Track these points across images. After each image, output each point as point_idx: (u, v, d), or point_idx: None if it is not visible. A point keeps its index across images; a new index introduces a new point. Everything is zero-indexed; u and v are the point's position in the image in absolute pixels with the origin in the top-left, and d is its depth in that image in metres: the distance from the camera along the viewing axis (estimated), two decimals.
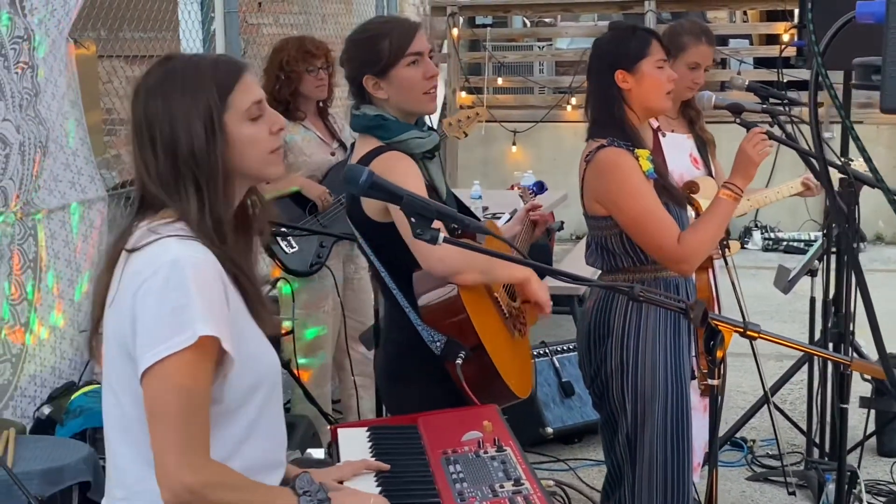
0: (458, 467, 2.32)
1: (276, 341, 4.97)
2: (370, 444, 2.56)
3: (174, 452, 2.01)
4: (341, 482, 2.34)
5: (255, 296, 2.20)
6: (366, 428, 2.67)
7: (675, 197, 3.54)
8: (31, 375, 4.43)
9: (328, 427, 2.95)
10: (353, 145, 3.22)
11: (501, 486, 2.21)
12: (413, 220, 2.27)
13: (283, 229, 4.74)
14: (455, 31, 11.40)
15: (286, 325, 5.08)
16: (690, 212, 3.69)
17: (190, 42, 6.78)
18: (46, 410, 4.28)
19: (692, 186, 3.77)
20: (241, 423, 2.15)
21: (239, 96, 2.17)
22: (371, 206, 2.99)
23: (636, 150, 3.41)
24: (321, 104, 5.16)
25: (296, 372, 4.97)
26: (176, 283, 2.02)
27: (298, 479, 2.17)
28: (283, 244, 4.93)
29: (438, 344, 2.95)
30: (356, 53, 3.11)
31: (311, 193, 4.97)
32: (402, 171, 2.94)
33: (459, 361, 2.86)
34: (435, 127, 3.32)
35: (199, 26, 6.81)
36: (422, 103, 3.10)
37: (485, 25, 12.36)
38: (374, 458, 2.45)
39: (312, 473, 2.26)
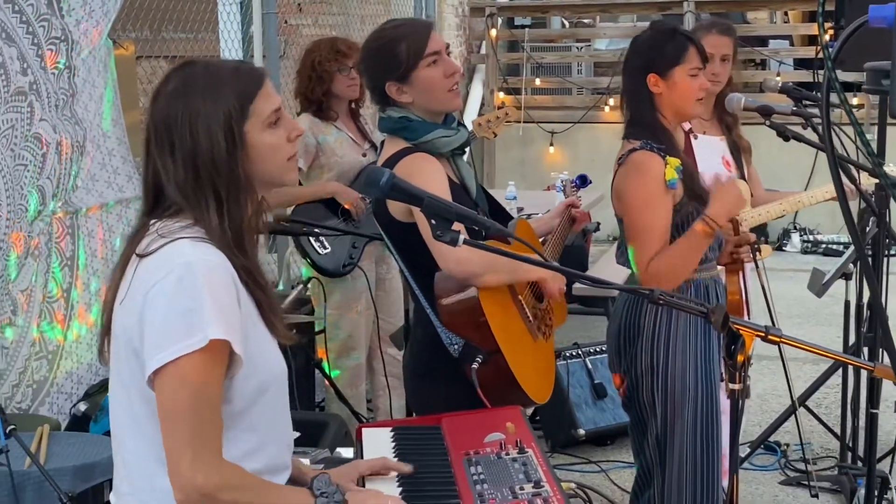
0: (479, 468, 2.33)
1: (309, 342, 5.04)
2: (393, 443, 2.58)
3: (187, 453, 2.03)
4: (362, 479, 2.35)
5: (267, 304, 2.21)
6: (390, 428, 2.69)
7: (706, 202, 3.53)
8: (67, 372, 4.49)
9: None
10: (382, 144, 3.23)
11: (521, 488, 2.22)
12: (433, 221, 2.28)
13: (315, 230, 4.77)
14: (493, 32, 11.41)
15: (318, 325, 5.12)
16: None
17: (229, 43, 6.84)
18: (82, 407, 4.33)
19: None
20: (247, 426, 2.17)
21: (260, 104, 2.17)
22: (395, 207, 3.00)
23: (667, 158, 3.40)
24: (353, 105, 5.20)
25: (327, 371, 5.01)
26: (188, 286, 2.03)
27: (316, 481, 2.17)
28: (315, 245, 4.96)
29: (456, 346, 2.96)
30: (375, 61, 3.11)
31: (345, 199, 5.00)
32: (426, 173, 2.96)
33: (475, 365, 2.86)
34: (464, 124, 3.32)
35: (239, 27, 6.88)
36: (446, 101, 3.10)
37: (523, 26, 12.35)
38: (396, 458, 2.47)
39: (331, 473, 2.27)
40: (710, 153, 4.17)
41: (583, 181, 3.87)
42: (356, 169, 5.10)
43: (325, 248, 4.97)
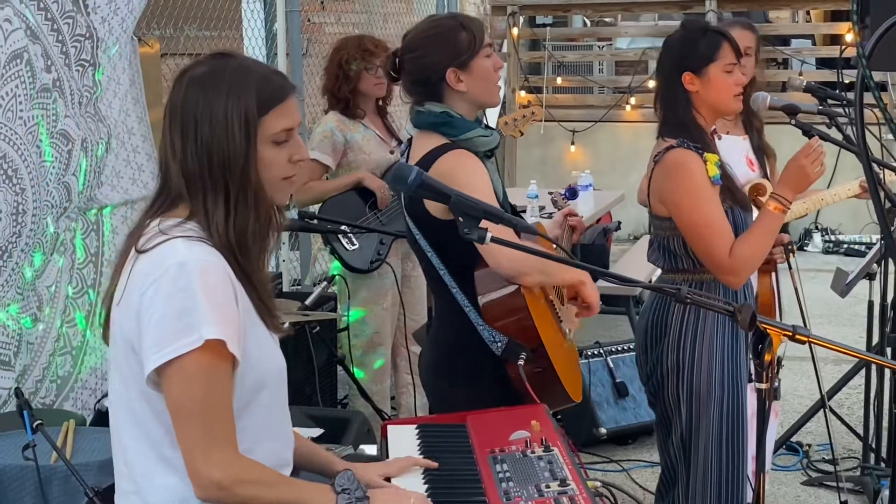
0: (504, 466, 2.33)
1: (332, 339, 5.05)
2: (419, 440, 2.58)
3: (200, 450, 2.04)
4: (388, 479, 2.36)
5: (262, 304, 2.20)
6: (415, 425, 2.69)
7: (740, 200, 3.52)
8: (91, 368, 4.51)
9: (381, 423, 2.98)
10: (409, 141, 3.22)
11: (547, 486, 2.22)
12: (461, 219, 2.29)
13: (341, 227, 4.79)
14: (515, 31, 11.40)
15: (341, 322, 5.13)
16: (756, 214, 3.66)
17: (252, 41, 6.86)
18: (107, 403, 4.34)
19: (759, 189, 3.73)
20: (247, 424, 2.17)
21: (274, 118, 2.16)
22: (433, 203, 2.98)
23: (705, 154, 3.39)
24: (380, 102, 5.21)
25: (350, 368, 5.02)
26: (182, 286, 2.03)
27: (339, 477, 2.18)
28: (343, 241, 4.99)
29: (499, 344, 2.94)
30: (434, 48, 3.07)
31: (372, 185, 5.03)
32: (471, 169, 2.96)
33: (521, 363, 2.84)
34: (492, 126, 3.33)
35: (262, 25, 6.90)
36: (494, 94, 3.12)
37: (545, 25, 12.35)
38: (421, 455, 2.48)
39: (358, 468, 2.28)
40: (734, 152, 4.15)
41: (572, 194, 3.93)
42: (384, 166, 5.12)
43: (353, 244, 5.00)
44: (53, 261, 4.24)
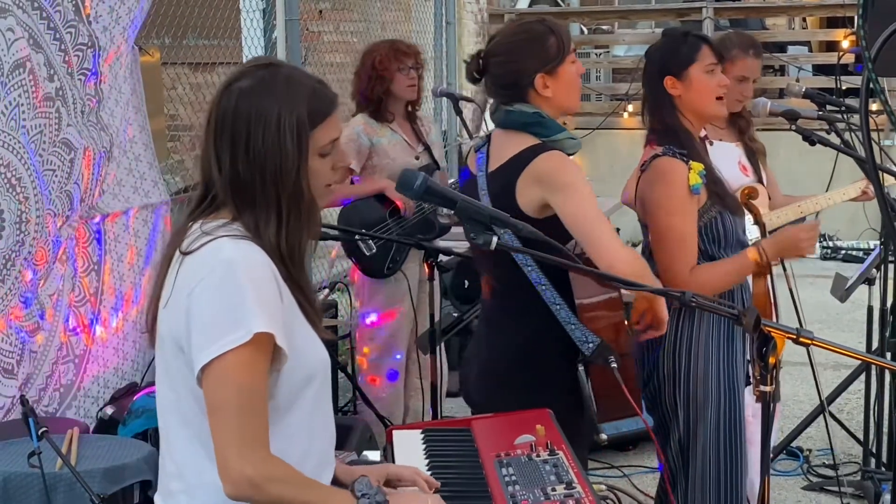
0: (510, 470, 2.35)
1: (331, 344, 5.07)
2: (424, 445, 2.59)
3: (234, 446, 2.06)
4: (389, 481, 2.36)
5: (307, 302, 2.23)
6: (420, 430, 2.70)
7: (731, 206, 3.52)
8: (94, 376, 4.52)
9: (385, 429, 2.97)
10: (487, 138, 3.17)
11: (553, 490, 2.24)
12: (467, 224, 2.30)
13: (353, 235, 4.82)
14: None
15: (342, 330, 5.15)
16: (749, 218, 3.67)
17: (252, 49, 6.89)
18: (109, 411, 4.35)
19: (752, 192, 3.75)
20: (294, 420, 2.19)
21: (323, 131, 2.18)
22: (528, 202, 2.95)
23: (690, 162, 3.40)
24: (410, 107, 5.23)
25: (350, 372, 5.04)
26: (230, 282, 2.06)
27: (357, 483, 2.19)
28: (362, 246, 5.02)
29: (591, 345, 2.89)
30: (525, 53, 3.05)
31: (396, 196, 5.04)
32: (573, 169, 2.94)
33: (616, 365, 2.77)
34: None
35: (261, 34, 6.92)
36: (577, 101, 3.11)
37: None
38: (427, 460, 2.49)
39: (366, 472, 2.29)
40: (727, 159, 4.16)
41: None
42: None
43: (370, 248, 5.02)
44: (56, 269, 4.25)
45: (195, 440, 2.16)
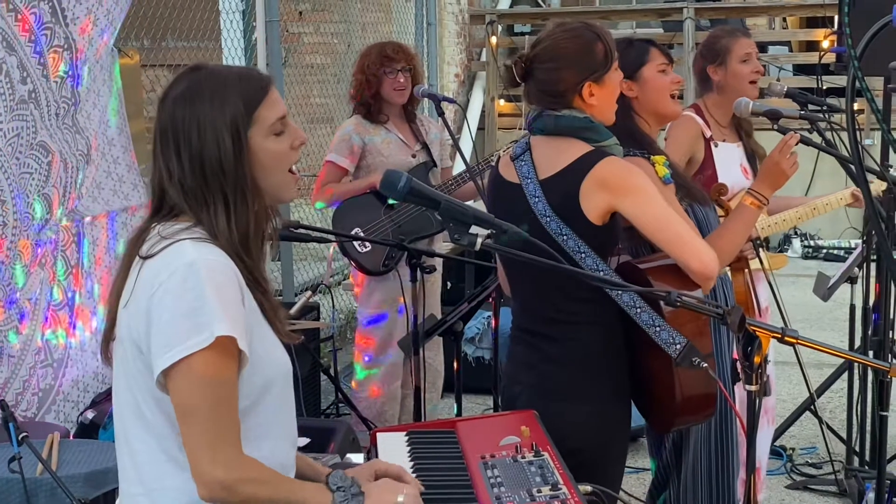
0: (495, 472, 2.33)
1: (315, 347, 5.04)
2: (408, 448, 2.58)
3: (205, 449, 2.05)
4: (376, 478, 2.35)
5: (269, 306, 2.22)
6: (405, 432, 2.69)
7: (697, 196, 3.54)
8: (73, 380, 4.48)
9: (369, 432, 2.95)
10: (526, 144, 3.06)
11: (539, 491, 2.22)
12: (451, 224, 2.29)
13: (328, 237, 4.79)
14: (494, 40, 11.42)
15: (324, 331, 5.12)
16: (719, 212, 3.68)
17: (232, 51, 6.86)
18: (90, 415, 4.33)
19: (721, 189, 3.76)
20: (254, 423, 2.18)
21: (265, 112, 2.18)
22: (592, 207, 2.87)
23: (652, 157, 3.40)
24: (407, 107, 5.23)
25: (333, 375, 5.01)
26: (192, 285, 2.04)
27: (332, 476, 2.20)
28: (356, 243, 5.00)
29: (677, 346, 2.79)
30: (573, 61, 2.95)
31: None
32: (639, 173, 2.90)
33: (705, 365, 2.60)
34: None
35: (241, 35, 6.89)
36: (613, 113, 3.03)
37: (523, 34, 12.37)
38: (412, 462, 2.47)
39: (348, 472, 2.27)
40: (730, 161, 4.16)
41: None
42: (404, 170, 5.11)
43: (364, 246, 5.01)
44: (35, 273, 4.22)
45: (155, 443, 2.14)
